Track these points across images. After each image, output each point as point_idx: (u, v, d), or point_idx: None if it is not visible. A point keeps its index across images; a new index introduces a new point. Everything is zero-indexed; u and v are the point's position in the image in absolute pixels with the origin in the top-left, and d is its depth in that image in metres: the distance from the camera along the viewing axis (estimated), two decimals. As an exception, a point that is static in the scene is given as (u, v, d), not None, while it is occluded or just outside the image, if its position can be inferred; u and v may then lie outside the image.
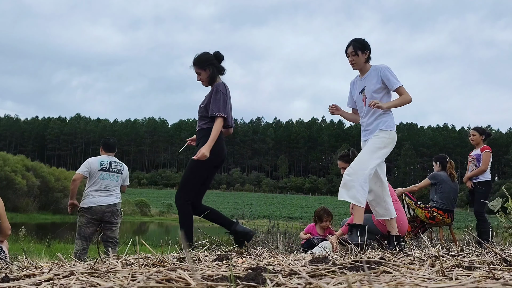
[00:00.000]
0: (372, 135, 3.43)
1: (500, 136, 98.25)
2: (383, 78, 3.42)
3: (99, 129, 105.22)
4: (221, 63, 3.65)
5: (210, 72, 3.56)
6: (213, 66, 3.57)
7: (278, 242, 6.10)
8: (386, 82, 3.42)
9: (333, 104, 3.76)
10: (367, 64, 3.55)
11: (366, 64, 3.54)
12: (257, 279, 1.25)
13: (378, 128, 3.42)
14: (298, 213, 41.19)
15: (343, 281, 1.22)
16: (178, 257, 2.04)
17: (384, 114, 3.45)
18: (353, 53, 3.50)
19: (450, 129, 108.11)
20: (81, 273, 1.45)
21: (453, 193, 5.27)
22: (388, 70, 3.44)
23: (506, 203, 4.33)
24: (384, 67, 3.46)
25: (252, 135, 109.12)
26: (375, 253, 2.26)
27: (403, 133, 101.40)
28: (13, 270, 1.69)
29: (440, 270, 1.38)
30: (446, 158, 5.48)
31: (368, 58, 3.53)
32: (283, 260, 1.99)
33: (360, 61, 3.50)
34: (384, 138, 3.38)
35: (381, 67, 3.47)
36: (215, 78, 3.57)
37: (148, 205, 47.18)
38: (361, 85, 3.58)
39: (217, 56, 3.61)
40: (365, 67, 3.55)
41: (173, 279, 1.24)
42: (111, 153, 5.11)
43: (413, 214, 5.20)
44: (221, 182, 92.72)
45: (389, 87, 3.43)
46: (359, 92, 3.58)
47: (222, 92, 3.47)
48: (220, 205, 60.65)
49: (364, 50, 3.49)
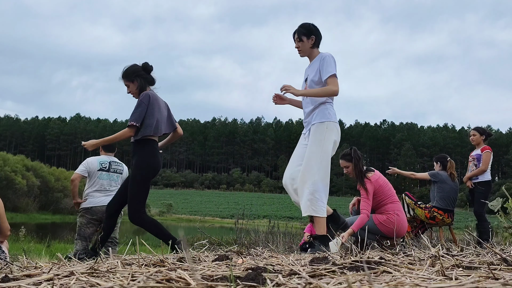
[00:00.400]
0: (310, 130, 3.27)
1: (500, 136, 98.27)
2: (320, 67, 3.22)
3: (99, 129, 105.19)
4: (150, 74, 3.69)
5: (138, 83, 3.60)
6: (141, 78, 3.61)
7: (278, 242, 6.09)
8: (321, 70, 3.21)
9: (275, 93, 3.39)
10: (315, 51, 3.34)
11: (313, 50, 3.33)
12: (257, 279, 1.25)
13: (315, 121, 3.24)
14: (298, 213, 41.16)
15: (343, 281, 1.22)
16: (178, 257, 2.04)
17: (321, 105, 3.26)
18: (298, 39, 3.30)
19: (450, 129, 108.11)
20: (81, 273, 1.45)
21: (453, 193, 5.26)
22: (328, 59, 3.20)
23: (506, 203, 4.33)
24: (326, 55, 3.24)
25: (252, 135, 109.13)
26: (375, 253, 2.26)
27: (403, 133, 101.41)
28: (13, 270, 1.69)
29: (440, 270, 1.38)
30: (446, 158, 5.48)
31: (315, 44, 3.32)
32: (283, 260, 1.99)
33: (305, 48, 3.30)
34: (321, 132, 3.20)
35: (324, 55, 3.25)
36: (144, 89, 3.60)
37: (148, 205, 47.16)
38: (306, 74, 3.41)
39: (145, 68, 3.65)
40: (312, 53, 3.34)
41: (173, 279, 1.24)
42: (111, 153, 5.11)
43: (413, 214, 5.20)
44: (221, 182, 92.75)
45: (321, 77, 3.21)
46: (304, 81, 3.41)
47: (144, 102, 3.48)
48: (220, 205, 60.73)
49: (310, 35, 3.29)
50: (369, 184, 3.75)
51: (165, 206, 50.70)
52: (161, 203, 52.47)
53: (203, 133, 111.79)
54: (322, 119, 3.21)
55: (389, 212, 3.74)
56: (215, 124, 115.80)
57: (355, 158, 3.87)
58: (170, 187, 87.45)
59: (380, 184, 3.80)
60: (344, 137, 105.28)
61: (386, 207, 3.78)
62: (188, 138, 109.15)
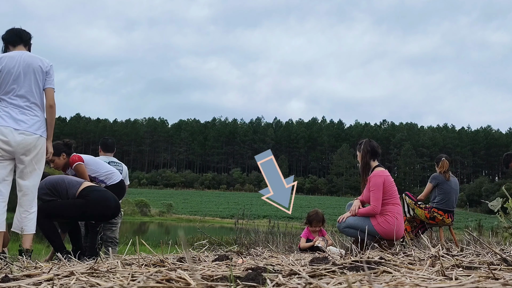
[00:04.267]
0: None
1: (500, 136, 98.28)
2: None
3: (99, 129, 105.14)
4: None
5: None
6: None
7: (278, 242, 6.09)
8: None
9: None
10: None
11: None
12: (257, 279, 1.25)
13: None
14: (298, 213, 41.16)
15: (343, 281, 1.22)
16: (178, 257, 2.05)
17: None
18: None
19: (450, 129, 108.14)
20: (81, 273, 1.45)
21: (453, 194, 5.25)
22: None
23: (506, 203, 4.34)
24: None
25: (252, 135, 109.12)
26: (375, 253, 2.26)
27: (403, 133, 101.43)
28: (13, 270, 1.69)
29: (440, 270, 1.38)
30: (440, 158, 5.46)
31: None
32: (283, 260, 1.99)
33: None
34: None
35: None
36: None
37: (148, 205, 47.19)
38: None
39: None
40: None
41: (173, 279, 1.24)
42: (110, 153, 5.11)
43: (413, 214, 5.20)
44: (221, 182, 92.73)
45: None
46: None
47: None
48: (220, 205, 60.70)
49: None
50: (376, 177, 3.69)
51: (165, 206, 50.66)
52: (161, 203, 52.44)
53: (203, 133, 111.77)
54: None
55: (388, 213, 3.68)
56: (215, 124, 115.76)
57: (364, 150, 3.87)
58: (170, 187, 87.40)
59: (388, 181, 3.73)
60: (344, 137, 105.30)
61: (386, 208, 3.71)
62: (188, 138, 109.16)
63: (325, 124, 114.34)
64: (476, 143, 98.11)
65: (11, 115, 3.07)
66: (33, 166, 3.15)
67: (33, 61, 3.19)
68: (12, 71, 3.10)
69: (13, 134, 3.03)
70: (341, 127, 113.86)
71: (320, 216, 4.36)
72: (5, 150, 3.04)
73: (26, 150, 3.08)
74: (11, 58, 3.15)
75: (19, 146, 3.05)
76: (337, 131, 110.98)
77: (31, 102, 3.15)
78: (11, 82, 3.09)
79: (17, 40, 3.32)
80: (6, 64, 3.11)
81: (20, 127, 3.06)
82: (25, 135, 3.07)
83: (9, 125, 3.04)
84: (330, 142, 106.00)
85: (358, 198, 3.92)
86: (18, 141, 3.04)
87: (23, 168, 3.12)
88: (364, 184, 3.79)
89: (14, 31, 3.35)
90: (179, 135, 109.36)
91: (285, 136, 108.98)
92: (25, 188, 3.15)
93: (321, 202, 63.91)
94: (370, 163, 3.85)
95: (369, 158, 3.85)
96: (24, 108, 3.12)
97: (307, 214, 4.53)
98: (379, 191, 3.64)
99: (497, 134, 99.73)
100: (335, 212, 45.53)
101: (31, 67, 3.16)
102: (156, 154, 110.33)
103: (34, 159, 3.14)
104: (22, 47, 3.32)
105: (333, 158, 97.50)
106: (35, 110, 3.17)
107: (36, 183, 3.22)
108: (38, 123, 3.17)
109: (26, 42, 3.37)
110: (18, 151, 3.07)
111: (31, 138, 3.10)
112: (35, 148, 3.12)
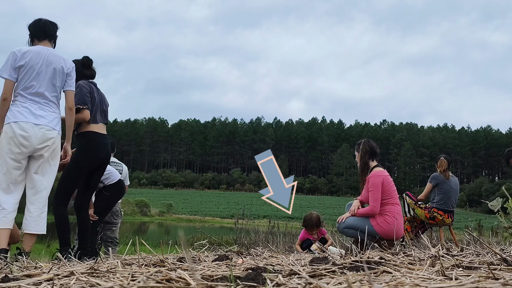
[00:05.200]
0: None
1: (500, 136, 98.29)
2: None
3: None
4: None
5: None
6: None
7: (278, 242, 6.10)
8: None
9: None
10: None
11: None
12: (257, 279, 1.25)
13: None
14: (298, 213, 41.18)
15: (343, 281, 1.22)
16: (178, 257, 2.05)
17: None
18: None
19: (450, 129, 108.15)
20: (81, 273, 1.45)
21: (452, 194, 5.24)
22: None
23: (506, 203, 4.34)
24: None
25: (252, 135, 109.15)
26: (375, 253, 2.26)
27: (402, 133, 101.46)
28: (13, 270, 1.69)
29: (440, 270, 1.38)
30: (439, 157, 5.47)
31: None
32: (283, 260, 1.99)
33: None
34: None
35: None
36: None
37: (148, 205, 47.18)
38: None
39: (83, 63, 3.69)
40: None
41: (173, 279, 1.24)
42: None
43: (413, 214, 5.20)
44: (221, 182, 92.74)
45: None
46: None
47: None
48: (220, 205, 60.69)
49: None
50: (374, 178, 3.69)
51: (165, 206, 50.66)
52: (161, 203, 52.44)
53: (203, 133, 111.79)
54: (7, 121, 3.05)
55: (388, 213, 3.66)
56: (215, 124, 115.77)
57: (362, 150, 3.87)
58: (170, 187, 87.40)
59: (387, 181, 3.73)
60: (344, 137, 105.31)
61: (385, 208, 3.70)
62: (188, 138, 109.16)
63: (325, 124, 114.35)
64: (476, 143, 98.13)
65: (30, 111, 3.03)
66: (49, 162, 3.11)
67: (56, 61, 3.15)
68: (35, 67, 3.06)
69: (34, 129, 3.00)
70: (341, 127, 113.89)
71: (313, 221, 4.35)
72: (25, 146, 2.99)
73: (46, 146, 3.04)
74: (37, 54, 3.09)
75: (39, 141, 3.01)
76: (337, 131, 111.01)
77: (49, 100, 3.12)
78: (32, 79, 3.05)
79: (42, 35, 3.24)
80: (30, 59, 3.05)
81: (40, 122, 3.03)
82: (46, 130, 3.04)
83: (29, 120, 3.00)
84: (330, 142, 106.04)
85: (358, 198, 3.91)
86: (39, 137, 3.01)
87: (41, 163, 3.06)
88: (363, 185, 3.79)
89: (41, 24, 3.26)
90: (179, 135, 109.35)
91: (285, 136, 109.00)
92: (39, 184, 3.08)
93: (321, 202, 63.91)
94: (369, 163, 3.86)
95: (367, 158, 3.86)
96: (42, 104, 3.08)
97: (303, 217, 4.54)
98: (378, 191, 3.64)
99: (497, 134, 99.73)
100: (335, 212, 45.55)
101: (53, 66, 3.12)
102: (156, 154, 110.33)
103: (51, 155, 3.10)
104: (47, 42, 3.24)
105: (333, 158, 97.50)
106: (53, 107, 3.14)
107: (51, 181, 3.16)
108: (56, 119, 3.14)
109: (51, 37, 3.29)
110: (38, 147, 3.02)
111: (51, 134, 3.07)
112: (54, 144, 3.10)
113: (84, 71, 3.62)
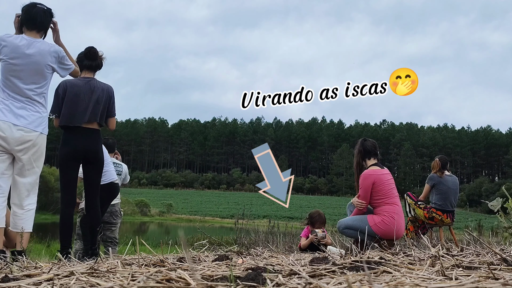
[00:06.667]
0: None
1: (500, 136, 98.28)
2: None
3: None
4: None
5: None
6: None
7: (278, 242, 6.09)
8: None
9: None
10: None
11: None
12: (257, 279, 1.25)
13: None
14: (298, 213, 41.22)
15: (343, 281, 1.22)
16: (178, 257, 2.05)
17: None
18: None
19: (450, 129, 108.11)
20: (81, 273, 1.45)
21: (451, 194, 5.23)
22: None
23: (506, 203, 4.33)
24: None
25: (252, 135, 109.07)
26: (375, 253, 2.26)
27: (402, 133, 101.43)
28: (13, 270, 1.69)
29: (440, 270, 1.38)
30: (434, 159, 5.48)
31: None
32: (283, 260, 1.99)
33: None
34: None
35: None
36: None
37: (148, 205, 47.16)
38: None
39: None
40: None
41: (173, 279, 1.24)
42: (110, 153, 5.11)
43: (414, 214, 5.20)
44: (221, 182, 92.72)
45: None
46: None
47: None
48: (220, 205, 60.67)
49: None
50: (363, 178, 3.70)
51: (165, 206, 50.65)
52: (161, 203, 52.44)
53: (203, 133, 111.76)
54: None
55: (385, 214, 3.63)
56: (215, 124, 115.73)
57: (356, 150, 3.90)
58: (170, 187, 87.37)
59: (379, 180, 3.70)
60: (344, 137, 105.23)
61: (383, 208, 3.66)
62: (188, 138, 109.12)
63: (325, 124, 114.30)
64: (476, 143, 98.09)
65: (11, 109, 2.91)
66: (32, 164, 3.00)
67: (40, 54, 2.99)
68: (17, 63, 2.91)
69: (12, 129, 2.88)
70: (341, 127, 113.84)
71: (322, 218, 4.36)
72: (2, 145, 2.90)
73: (25, 148, 2.93)
74: (16, 48, 2.92)
75: (16, 142, 2.90)
76: (337, 131, 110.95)
77: (32, 99, 2.99)
78: (14, 75, 2.92)
79: (31, 25, 3.03)
80: (11, 53, 2.90)
81: (19, 122, 2.91)
82: (24, 132, 2.92)
83: (8, 120, 2.88)
84: (330, 142, 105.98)
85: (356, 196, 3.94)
86: (16, 138, 2.90)
87: (22, 166, 2.97)
88: (358, 184, 3.81)
89: (33, 12, 3.05)
90: (179, 135, 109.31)
91: (285, 136, 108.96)
92: (21, 185, 3.01)
93: (321, 202, 63.87)
94: (362, 163, 3.86)
95: (360, 158, 3.87)
96: (25, 103, 2.96)
97: (308, 214, 4.50)
98: (366, 191, 3.67)
99: (497, 134, 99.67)
100: (335, 212, 45.53)
101: (35, 59, 2.98)
102: (156, 154, 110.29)
103: (33, 156, 2.99)
104: (35, 34, 3.04)
105: (333, 158, 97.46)
106: (37, 107, 3.02)
107: (33, 181, 3.07)
108: (39, 119, 3.02)
109: (41, 28, 3.08)
110: (15, 148, 2.91)
111: (30, 136, 2.95)
112: (34, 146, 2.98)
113: (84, 61, 3.56)
